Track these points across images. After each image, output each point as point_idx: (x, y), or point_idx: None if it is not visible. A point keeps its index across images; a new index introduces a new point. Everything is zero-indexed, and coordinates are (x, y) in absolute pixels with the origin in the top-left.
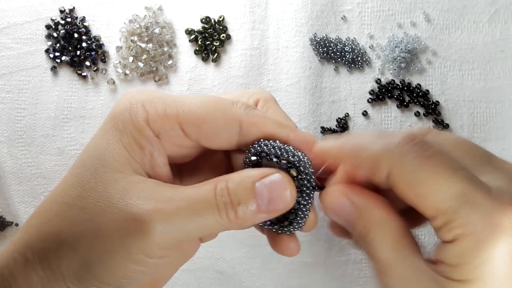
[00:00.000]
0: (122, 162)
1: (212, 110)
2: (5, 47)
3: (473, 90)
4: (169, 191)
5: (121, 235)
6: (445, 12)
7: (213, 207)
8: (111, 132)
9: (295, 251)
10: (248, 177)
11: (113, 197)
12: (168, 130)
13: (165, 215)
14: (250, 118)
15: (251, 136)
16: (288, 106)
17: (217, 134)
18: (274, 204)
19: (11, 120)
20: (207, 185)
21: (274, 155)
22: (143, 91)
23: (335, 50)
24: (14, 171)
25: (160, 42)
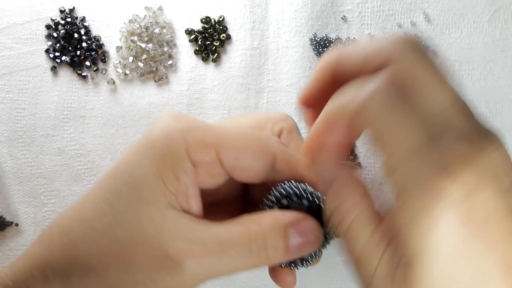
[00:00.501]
0: (158, 195)
1: (250, 142)
2: (5, 47)
3: (473, 90)
4: (201, 231)
5: (152, 270)
6: (445, 12)
7: (246, 252)
8: (147, 161)
9: (292, 284)
10: (280, 221)
11: (147, 233)
12: (206, 158)
13: (197, 257)
14: (285, 156)
15: (281, 174)
16: (288, 106)
17: (252, 166)
18: (303, 249)
19: (11, 120)
20: (239, 227)
21: (306, 199)
22: (179, 117)
23: None
24: (14, 171)
25: (160, 42)
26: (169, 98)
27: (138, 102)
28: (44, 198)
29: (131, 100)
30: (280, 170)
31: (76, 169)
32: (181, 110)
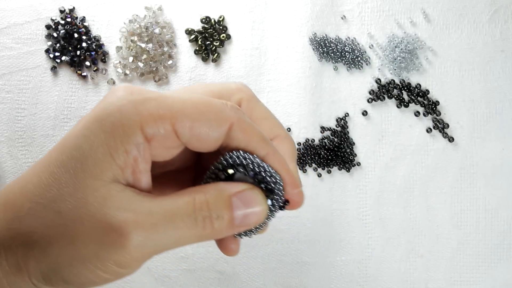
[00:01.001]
0: (104, 168)
1: (206, 111)
2: (5, 47)
3: (473, 90)
4: (147, 203)
5: (97, 245)
6: (445, 12)
7: (192, 221)
8: (96, 134)
9: (235, 251)
10: (225, 191)
11: (92, 206)
12: (161, 131)
13: (143, 228)
14: (241, 123)
15: (236, 141)
16: (288, 106)
17: (209, 135)
18: (248, 220)
19: (11, 120)
20: (185, 197)
21: (252, 171)
22: (132, 89)
23: (335, 50)
24: (14, 171)
25: (160, 42)
26: None
27: None
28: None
29: None
30: (235, 138)
31: None
32: None
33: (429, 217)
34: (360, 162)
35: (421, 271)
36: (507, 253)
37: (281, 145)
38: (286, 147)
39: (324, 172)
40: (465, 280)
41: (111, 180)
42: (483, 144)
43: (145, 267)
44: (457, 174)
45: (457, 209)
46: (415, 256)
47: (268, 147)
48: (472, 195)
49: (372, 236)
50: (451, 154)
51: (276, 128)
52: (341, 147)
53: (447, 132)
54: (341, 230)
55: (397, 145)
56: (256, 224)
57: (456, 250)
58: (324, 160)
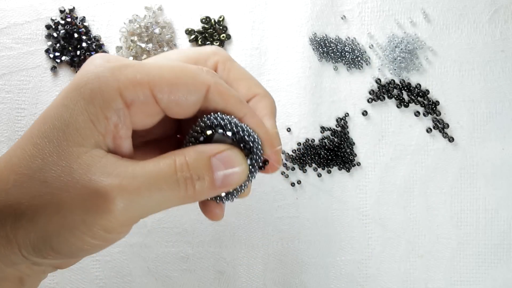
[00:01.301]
0: (85, 135)
1: (183, 75)
2: (5, 47)
3: (473, 90)
4: (130, 167)
5: (83, 211)
6: (445, 12)
7: (174, 183)
8: (76, 102)
9: (220, 216)
10: (205, 152)
11: (76, 173)
12: (140, 96)
13: (128, 192)
14: (218, 86)
15: (213, 104)
16: (288, 106)
17: (187, 99)
18: (229, 179)
19: (11, 120)
20: (166, 160)
21: (230, 131)
22: (108, 57)
23: (335, 50)
24: None
25: (160, 42)
26: None
27: None
28: None
29: None
30: (212, 101)
31: None
32: None
33: (429, 217)
34: (360, 162)
35: (421, 271)
36: (507, 253)
37: (260, 102)
38: (264, 104)
39: (324, 172)
40: (465, 280)
41: (93, 147)
42: (483, 144)
43: (145, 267)
44: (457, 174)
45: (457, 209)
46: (415, 256)
47: (245, 108)
48: (472, 195)
49: (372, 236)
50: (451, 154)
51: (254, 87)
52: (341, 147)
53: (447, 132)
54: (341, 230)
55: (397, 145)
56: (237, 184)
57: (456, 250)
58: (324, 160)
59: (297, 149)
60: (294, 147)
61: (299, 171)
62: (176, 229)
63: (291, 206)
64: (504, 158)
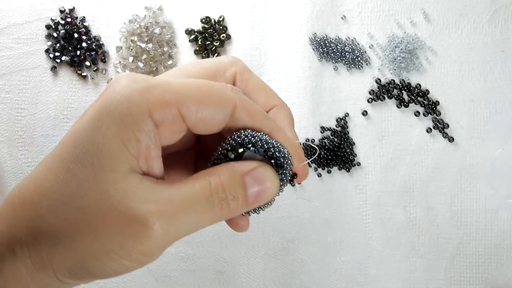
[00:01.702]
0: (120, 160)
1: (210, 94)
2: (5, 47)
3: (473, 90)
4: (166, 191)
5: (122, 237)
6: (445, 12)
7: (210, 204)
8: (108, 126)
9: (246, 227)
10: (238, 171)
11: (113, 199)
12: (168, 117)
13: (166, 217)
14: (244, 104)
15: (239, 121)
16: (288, 106)
17: (213, 117)
18: (261, 197)
19: (11, 120)
20: (200, 182)
21: (262, 148)
22: (135, 78)
23: (335, 50)
24: (14, 171)
25: (160, 42)
26: None
27: None
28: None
29: None
30: (238, 118)
31: None
32: None
33: (429, 217)
34: (360, 162)
35: (421, 271)
36: (507, 253)
37: (278, 114)
38: (283, 115)
39: (324, 172)
40: (465, 280)
41: (129, 171)
42: (483, 144)
43: (145, 267)
44: (457, 174)
45: (457, 209)
46: (415, 256)
47: (271, 123)
48: (472, 195)
49: (372, 236)
50: (451, 154)
51: (272, 98)
52: (341, 147)
53: (447, 132)
54: (341, 230)
55: (397, 145)
56: (269, 199)
57: (456, 250)
58: (324, 160)
59: None
60: None
61: None
62: None
63: (291, 206)
64: (504, 158)
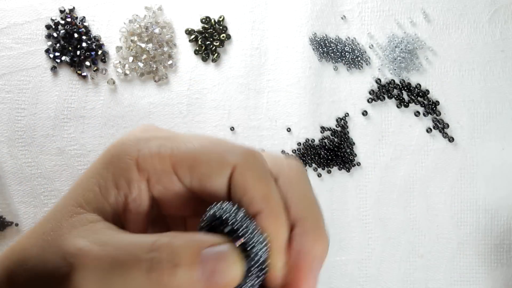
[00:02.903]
0: (89, 198)
1: (208, 151)
2: (5, 47)
3: (473, 90)
4: (111, 234)
5: (49, 272)
6: (445, 12)
7: (142, 263)
8: (94, 164)
9: None
10: (197, 241)
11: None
12: (159, 171)
13: (89, 259)
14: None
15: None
16: (288, 106)
17: (210, 177)
18: (216, 277)
19: (11, 120)
20: (150, 237)
21: (243, 232)
22: (148, 128)
23: (335, 50)
24: (14, 171)
25: (160, 42)
26: (169, 98)
27: (138, 102)
28: (44, 198)
29: (131, 100)
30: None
31: (76, 169)
32: (181, 110)
33: (429, 217)
34: (360, 162)
35: (421, 271)
36: (507, 253)
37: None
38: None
39: (324, 172)
40: (465, 280)
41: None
42: (483, 144)
43: None
44: (457, 174)
45: (457, 209)
46: (415, 256)
47: (265, 205)
48: (472, 195)
49: (372, 236)
50: (451, 154)
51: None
52: (341, 147)
53: (447, 132)
54: (341, 230)
55: (397, 145)
56: (227, 287)
57: (456, 250)
58: (324, 160)
59: (297, 149)
60: (294, 147)
61: None
62: None
63: None
64: (504, 158)
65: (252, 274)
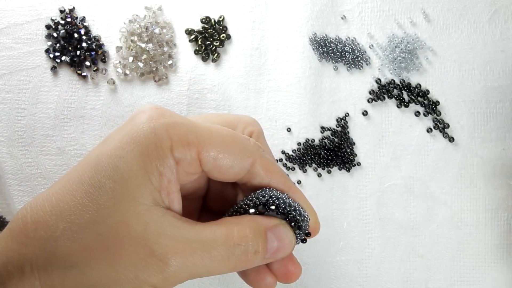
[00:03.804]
0: (144, 192)
1: (231, 144)
2: (5, 47)
3: (473, 90)
4: (187, 231)
5: (137, 268)
6: (445, 12)
7: (229, 254)
8: (133, 155)
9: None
10: (262, 225)
11: (133, 230)
12: (187, 157)
13: (182, 256)
14: (264, 161)
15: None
16: (288, 106)
17: (231, 167)
18: (279, 253)
19: (11, 120)
20: (223, 228)
21: (283, 210)
22: (163, 112)
23: (335, 50)
24: (14, 171)
25: (160, 42)
26: (169, 98)
27: (138, 102)
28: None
29: (131, 100)
30: (256, 174)
31: None
32: (181, 110)
33: (429, 217)
34: (360, 162)
35: (421, 271)
36: (507, 253)
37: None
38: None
39: (324, 172)
40: (465, 280)
41: (152, 204)
42: (483, 144)
43: None
44: (457, 174)
45: (457, 209)
46: (415, 256)
47: (289, 183)
48: (472, 195)
49: (372, 236)
50: (451, 154)
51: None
52: (341, 147)
53: (448, 132)
54: (341, 230)
55: (397, 145)
56: (283, 257)
57: (456, 250)
58: (324, 160)
59: (297, 149)
60: (294, 147)
61: (299, 171)
62: None
63: None
64: (504, 158)
65: (298, 239)
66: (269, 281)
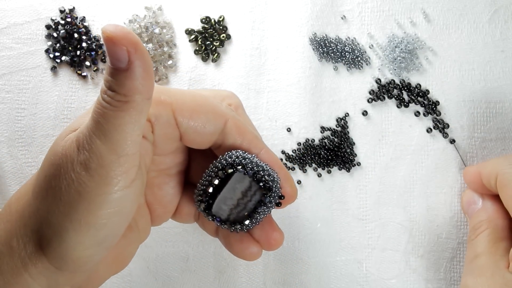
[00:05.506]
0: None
1: (203, 104)
2: (5, 47)
3: (473, 90)
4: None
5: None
6: (445, 12)
7: None
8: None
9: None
10: None
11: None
12: (162, 115)
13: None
14: (236, 121)
15: (230, 139)
16: (288, 106)
17: (205, 127)
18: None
19: (11, 120)
20: None
21: (251, 170)
22: None
23: (335, 50)
24: (14, 171)
25: (160, 42)
26: None
27: None
28: None
29: None
30: (229, 135)
31: None
32: None
33: (429, 217)
34: (360, 162)
35: (421, 271)
36: None
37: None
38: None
39: (324, 172)
40: None
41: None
42: (483, 144)
43: (145, 267)
44: (457, 174)
45: (457, 209)
46: (415, 256)
47: (261, 145)
48: None
49: (372, 236)
50: (451, 154)
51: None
52: (341, 147)
53: (447, 132)
54: (341, 230)
55: (397, 145)
56: None
57: (456, 250)
58: (324, 160)
59: (297, 149)
60: (294, 147)
61: (299, 171)
62: (176, 229)
63: (291, 206)
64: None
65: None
66: (254, 250)
